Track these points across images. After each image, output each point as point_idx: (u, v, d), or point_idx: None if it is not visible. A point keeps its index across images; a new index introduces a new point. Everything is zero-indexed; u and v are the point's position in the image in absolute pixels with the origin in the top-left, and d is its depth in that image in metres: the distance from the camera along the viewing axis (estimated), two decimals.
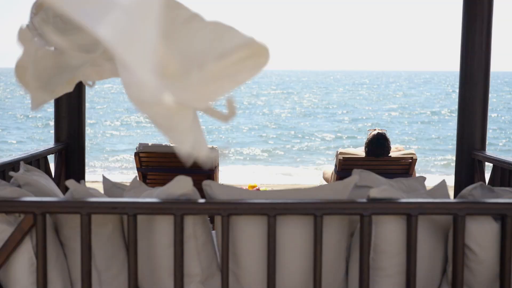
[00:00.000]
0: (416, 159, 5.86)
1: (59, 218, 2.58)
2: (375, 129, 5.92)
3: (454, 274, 2.45)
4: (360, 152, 5.96)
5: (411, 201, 2.43)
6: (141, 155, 6.00)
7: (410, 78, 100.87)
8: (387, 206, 2.42)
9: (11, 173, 2.82)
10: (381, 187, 2.45)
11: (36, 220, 2.43)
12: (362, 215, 2.42)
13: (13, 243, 2.44)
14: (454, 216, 2.43)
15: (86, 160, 5.85)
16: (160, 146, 6.02)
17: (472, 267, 2.48)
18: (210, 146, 6.03)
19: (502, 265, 2.44)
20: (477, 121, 4.92)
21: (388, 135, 5.91)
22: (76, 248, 2.56)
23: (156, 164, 6.02)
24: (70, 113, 4.99)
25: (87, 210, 2.42)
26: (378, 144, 5.75)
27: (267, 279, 2.44)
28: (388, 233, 2.47)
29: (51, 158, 4.83)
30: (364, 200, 2.45)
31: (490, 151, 5.02)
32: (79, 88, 5.01)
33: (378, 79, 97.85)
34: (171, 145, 6.09)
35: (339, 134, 29.87)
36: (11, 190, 2.52)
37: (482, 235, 2.45)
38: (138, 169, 6.10)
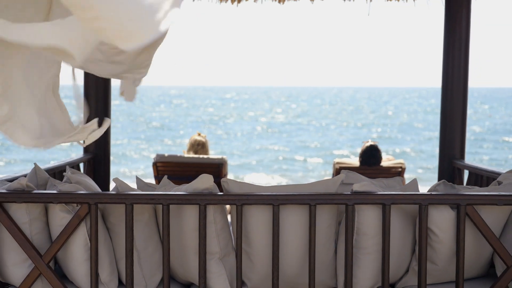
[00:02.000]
0: (405, 168, 6.50)
1: (107, 208, 3.23)
2: (368, 141, 6.58)
3: (419, 252, 3.10)
4: (355, 161, 6.61)
5: (385, 193, 3.08)
6: (158, 164, 6.67)
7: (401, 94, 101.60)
8: (366, 197, 3.08)
9: (65, 173, 3.48)
10: (362, 183, 3.11)
11: (90, 209, 3.09)
12: (347, 204, 3.08)
13: (72, 228, 3.10)
14: (419, 206, 3.08)
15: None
16: (175, 156, 6.70)
17: (434, 246, 3.13)
18: (220, 156, 6.71)
19: (457, 244, 3.08)
20: (457, 133, 5.57)
21: (380, 146, 6.56)
22: (120, 232, 3.21)
23: (171, 172, 6.68)
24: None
25: (130, 200, 3.08)
26: (370, 154, 6.40)
27: (272, 256, 3.09)
28: (368, 219, 3.12)
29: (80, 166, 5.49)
30: (349, 192, 3.10)
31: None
32: (105, 103, 5.67)
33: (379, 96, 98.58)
34: (186, 155, 6.77)
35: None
36: (70, 185, 3.18)
37: (441, 221, 3.10)
38: (155, 177, 6.77)
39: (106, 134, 5.71)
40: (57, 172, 4.49)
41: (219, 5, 6.01)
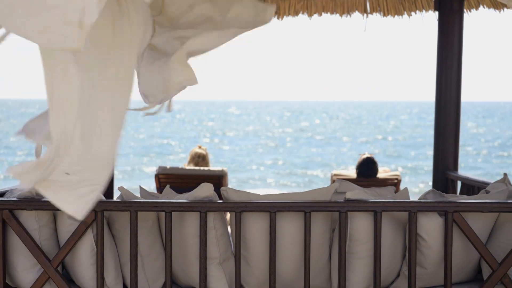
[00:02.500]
0: (401, 180, 6.67)
1: (112, 216, 3.40)
2: (364, 154, 6.75)
3: (409, 256, 3.26)
4: (352, 173, 6.78)
5: (376, 201, 3.25)
6: (160, 176, 6.84)
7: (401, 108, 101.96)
8: (358, 205, 3.25)
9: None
10: (355, 191, 3.28)
11: (96, 216, 3.26)
12: (340, 211, 3.24)
13: (79, 234, 3.27)
14: (409, 212, 3.24)
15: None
16: (177, 168, 6.87)
17: (423, 251, 3.29)
18: (220, 168, 6.88)
19: (445, 249, 3.24)
20: (450, 146, 5.74)
21: (376, 159, 6.73)
22: (125, 238, 3.37)
23: (173, 184, 6.85)
24: None
25: (135, 208, 3.25)
26: (367, 166, 6.57)
27: (269, 261, 3.25)
28: (360, 225, 3.28)
29: None
30: (342, 200, 3.27)
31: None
32: None
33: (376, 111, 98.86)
34: (187, 167, 6.95)
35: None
36: None
37: (430, 227, 3.26)
38: (157, 189, 6.94)
39: None
40: None
41: None
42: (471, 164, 30.64)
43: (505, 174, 3.82)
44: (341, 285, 3.26)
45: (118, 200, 3.31)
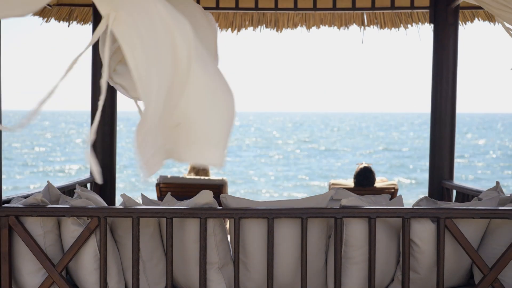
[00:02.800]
0: (398, 189, 6.78)
1: (115, 222, 3.51)
2: (362, 163, 6.86)
3: (403, 261, 3.36)
4: (350, 183, 6.89)
5: (371, 207, 3.36)
6: (161, 185, 6.96)
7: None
8: (353, 211, 3.35)
9: (77, 190, 3.76)
10: (350, 198, 3.39)
11: (100, 222, 3.36)
12: (336, 218, 3.35)
13: (82, 239, 3.37)
14: (402, 219, 3.35)
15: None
16: (177, 178, 6.98)
17: (416, 256, 3.39)
18: (220, 178, 6.99)
19: (437, 254, 3.35)
20: (446, 156, 5.84)
21: (373, 168, 6.84)
22: (127, 244, 3.48)
23: (173, 193, 6.96)
24: (104, 149, 5.92)
25: (137, 214, 3.36)
26: (364, 176, 6.67)
27: (267, 266, 3.35)
28: (355, 231, 3.39)
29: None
30: (337, 207, 3.38)
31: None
32: (111, 127, 5.95)
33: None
34: (187, 177, 7.06)
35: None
36: (81, 200, 3.46)
37: (423, 233, 3.36)
38: (158, 198, 7.05)
39: (112, 156, 5.99)
40: (67, 191, 4.77)
41: (220, 33, 6.34)
42: (480, 175, 30.75)
43: (497, 182, 3.93)
44: None
45: (121, 207, 3.41)
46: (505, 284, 3.41)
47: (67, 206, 3.41)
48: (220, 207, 3.41)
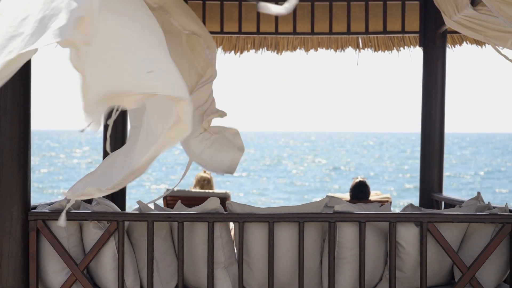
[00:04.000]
0: (391, 202, 7.17)
1: (131, 226, 3.90)
2: (358, 178, 7.27)
3: (390, 262, 3.75)
4: (346, 196, 7.29)
5: (360, 213, 3.75)
6: (168, 198, 7.36)
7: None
8: (345, 216, 3.75)
9: (95, 198, 4.15)
10: (342, 204, 3.79)
11: (118, 225, 3.76)
12: (330, 222, 3.75)
13: (102, 241, 3.76)
14: (389, 223, 3.75)
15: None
16: (183, 191, 7.39)
17: (402, 257, 3.78)
18: (224, 191, 7.39)
19: (421, 255, 3.74)
20: (435, 170, 6.23)
21: (368, 182, 7.25)
22: (142, 246, 3.86)
23: None
24: None
25: (151, 218, 3.75)
26: (360, 190, 7.08)
27: (268, 265, 3.74)
28: (347, 234, 3.78)
29: None
30: (331, 212, 3.77)
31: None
32: (122, 143, 6.35)
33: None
34: (193, 190, 7.47)
35: None
36: (101, 206, 3.86)
37: (407, 236, 3.76)
38: None
39: None
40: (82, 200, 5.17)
41: (224, 55, 6.78)
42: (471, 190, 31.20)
43: (478, 193, 4.32)
44: (330, 286, 3.74)
45: (137, 212, 3.81)
46: (482, 281, 3.79)
47: (89, 211, 3.81)
48: (226, 212, 3.81)
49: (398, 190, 31.67)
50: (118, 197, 6.23)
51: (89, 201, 5.02)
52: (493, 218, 3.74)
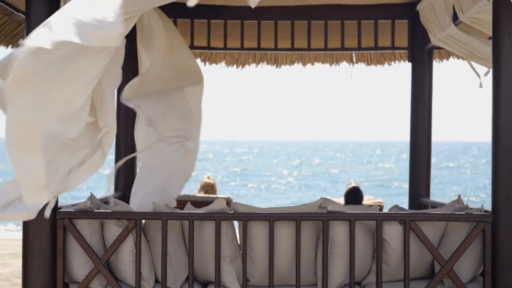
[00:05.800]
0: (383, 206, 7.65)
1: (146, 224, 4.37)
2: (351, 183, 7.75)
3: (376, 256, 4.23)
4: (340, 201, 7.76)
5: (351, 212, 4.24)
6: (176, 202, 7.81)
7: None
8: (337, 215, 4.23)
9: (114, 200, 4.63)
10: (334, 205, 4.28)
11: (136, 223, 4.23)
12: (323, 220, 4.23)
13: (122, 238, 4.23)
14: (376, 221, 4.23)
15: None
16: (188, 196, 7.85)
17: (388, 252, 4.26)
18: (227, 195, 7.87)
19: (404, 250, 4.22)
20: (423, 176, 6.72)
21: (361, 187, 7.72)
22: (157, 242, 4.33)
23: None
24: (126, 168, 6.77)
25: (166, 217, 4.23)
26: (353, 195, 7.54)
27: (269, 259, 4.22)
28: (339, 231, 4.26)
29: None
30: (325, 211, 4.26)
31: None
32: (133, 147, 6.81)
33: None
34: (197, 195, 7.94)
35: None
36: (120, 206, 4.34)
37: (392, 233, 4.24)
38: None
39: (133, 174, 6.84)
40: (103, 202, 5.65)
41: (226, 69, 7.30)
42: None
43: (459, 196, 4.80)
44: (324, 278, 4.22)
45: (153, 211, 4.30)
46: (459, 274, 4.26)
47: (111, 210, 4.29)
48: (231, 212, 4.29)
49: (390, 195, 32.23)
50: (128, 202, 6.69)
51: (107, 203, 5.49)
52: (468, 217, 4.22)
